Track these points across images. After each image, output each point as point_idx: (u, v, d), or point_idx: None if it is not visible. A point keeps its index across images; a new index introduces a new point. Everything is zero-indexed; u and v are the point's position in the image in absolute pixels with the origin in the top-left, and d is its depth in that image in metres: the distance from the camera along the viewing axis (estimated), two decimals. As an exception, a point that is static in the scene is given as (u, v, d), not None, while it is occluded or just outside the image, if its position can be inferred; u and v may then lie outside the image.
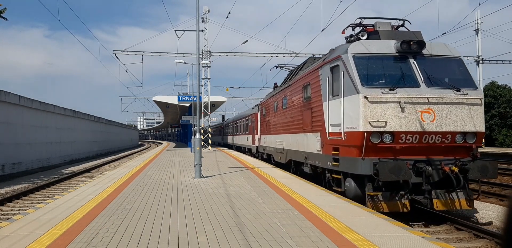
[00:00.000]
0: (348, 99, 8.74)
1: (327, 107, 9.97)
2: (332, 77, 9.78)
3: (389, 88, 8.24)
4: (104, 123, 46.97)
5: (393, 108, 8.15)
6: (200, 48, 12.99)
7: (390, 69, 8.80)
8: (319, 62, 11.25)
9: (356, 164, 8.41)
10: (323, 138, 10.29)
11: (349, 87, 8.65)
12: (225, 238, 5.17)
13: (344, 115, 8.85)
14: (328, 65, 10.06)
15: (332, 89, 9.77)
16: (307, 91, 12.12)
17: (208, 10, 31.33)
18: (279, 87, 17.77)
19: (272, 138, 18.51)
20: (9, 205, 12.09)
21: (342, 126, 8.94)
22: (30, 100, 23.62)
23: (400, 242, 4.97)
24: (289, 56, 33.58)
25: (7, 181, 17.83)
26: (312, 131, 11.37)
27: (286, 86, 15.61)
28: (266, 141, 20.58)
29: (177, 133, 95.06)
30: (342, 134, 8.94)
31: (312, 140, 11.42)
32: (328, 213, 6.69)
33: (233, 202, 7.75)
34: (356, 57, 8.78)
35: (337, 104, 9.34)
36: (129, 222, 6.06)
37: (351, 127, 8.54)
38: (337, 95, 9.34)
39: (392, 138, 8.17)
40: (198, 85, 13.63)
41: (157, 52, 33.59)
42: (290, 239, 5.11)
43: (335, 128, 9.45)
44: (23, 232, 5.49)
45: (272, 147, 18.62)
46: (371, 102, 8.15)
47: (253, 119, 26.17)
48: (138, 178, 11.90)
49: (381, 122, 8.12)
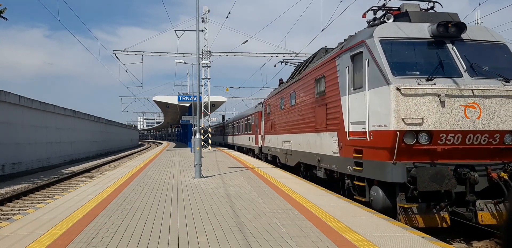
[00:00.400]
0: (374, 92, 7.49)
1: (347, 103, 8.69)
2: (352, 67, 8.53)
3: (426, 79, 7.01)
4: (104, 123, 46.96)
5: (431, 103, 6.90)
6: (200, 48, 13.00)
7: (424, 56, 7.56)
8: (335, 51, 9.82)
9: (385, 170, 7.15)
10: (342, 138, 9.03)
11: (376, 78, 7.39)
12: (225, 238, 5.17)
13: (370, 111, 7.60)
14: (347, 53, 8.75)
15: (352, 81, 8.51)
16: (320, 85, 10.76)
17: (208, 10, 31.34)
18: (285, 83, 16.27)
19: (278, 138, 17.07)
20: (9, 205, 12.09)
21: (366, 124, 7.69)
22: (30, 100, 23.62)
23: (400, 242, 4.97)
24: (289, 56, 33.56)
25: (7, 181, 17.83)
26: (327, 130, 10.05)
27: (294, 81, 14.17)
28: (271, 141, 19.15)
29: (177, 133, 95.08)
30: (366, 133, 7.66)
31: (327, 140, 10.08)
32: (328, 213, 6.69)
33: (233, 202, 7.75)
34: (384, 42, 7.50)
35: (359, 99, 8.10)
36: (129, 222, 6.07)
37: (378, 125, 7.31)
38: (360, 88, 8.11)
39: (429, 138, 6.95)
40: (198, 85, 13.63)
41: (157, 52, 33.62)
42: (290, 239, 5.11)
43: (357, 126, 8.24)
44: (23, 232, 5.49)
45: (278, 148, 17.23)
46: (404, 95, 6.91)
47: (256, 118, 25.03)
48: (138, 178, 11.90)
49: (416, 119, 6.87)
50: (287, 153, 15.14)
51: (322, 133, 10.51)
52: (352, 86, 8.55)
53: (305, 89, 12.45)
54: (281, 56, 33.80)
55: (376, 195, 7.52)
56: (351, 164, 8.50)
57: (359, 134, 8.09)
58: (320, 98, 10.70)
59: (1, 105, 19.87)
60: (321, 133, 10.59)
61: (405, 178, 6.93)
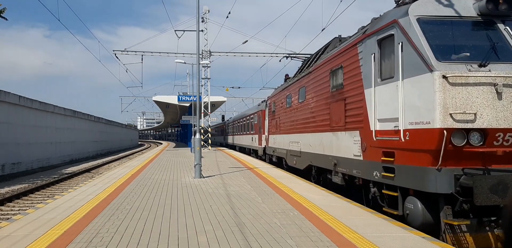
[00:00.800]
0: (412, 82, 6.32)
1: (372, 97, 7.45)
2: (380, 53, 7.37)
3: (478, 64, 5.87)
4: (104, 123, 46.97)
5: (486, 94, 5.75)
6: (200, 48, 13.00)
7: (472, 37, 6.42)
8: (356, 37, 8.60)
9: (426, 177, 5.99)
10: (365, 138, 7.80)
11: (414, 64, 6.26)
12: (225, 238, 5.17)
13: (405, 106, 6.46)
14: (373, 37, 7.56)
15: (380, 71, 7.34)
16: (336, 77, 9.52)
17: (208, 10, 31.36)
18: (293, 78, 14.92)
19: (285, 138, 15.66)
20: (9, 205, 12.08)
21: (400, 121, 6.52)
22: (30, 100, 23.62)
23: (400, 242, 4.97)
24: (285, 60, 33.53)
25: (7, 181, 17.83)
26: (346, 128, 8.85)
27: (303, 76, 12.85)
28: (276, 141, 17.70)
29: (177, 133, 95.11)
30: (400, 132, 6.48)
31: (346, 140, 8.88)
32: (328, 213, 6.69)
33: (233, 202, 7.75)
34: (422, 21, 6.36)
35: (390, 91, 6.93)
36: (129, 222, 6.06)
37: (417, 122, 6.14)
38: (390, 79, 6.95)
39: (483, 139, 5.78)
40: (198, 85, 13.63)
41: (157, 52, 33.65)
42: (290, 239, 5.11)
43: (386, 124, 7.06)
44: (23, 232, 5.49)
45: (284, 149, 15.84)
46: (452, 85, 5.75)
47: (259, 117, 23.77)
48: (138, 178, 11.90)
49: (468, 114, 5.72)
50: (295, 154, 13.92)
51: (340, 133, 9.27)
52: (379, 76, 7.34)
53: (317, 84, 11.16)
54: (281, 56, 33.81)
55: (413, 209, 6.30)
56: (378, 169, 7.25)
57: (390, 133, 6.92)
58: (337, 92, 9.45)
59: (1, 105, 19.87)
60: (338, 132, 9.37)
61: (453, 188, 5.79)
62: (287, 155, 15.36)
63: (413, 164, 6.30)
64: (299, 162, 13.42)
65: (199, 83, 13.96)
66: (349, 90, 8.70)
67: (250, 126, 27.72)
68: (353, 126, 8.49)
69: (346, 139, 8.87)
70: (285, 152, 15.59)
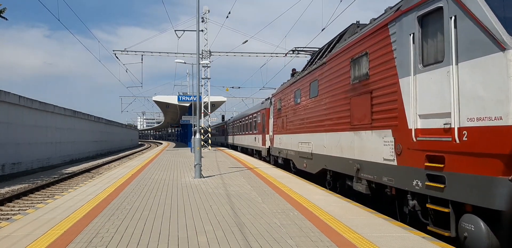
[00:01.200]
0: (472, 65, 5.06)
1: (412, 86, 6.16)
2: (422, 33, 6.09)
3: None
4: (104, 123, 46.98)
5: None
6: (200, 48, 13.00)
7: None
8: (387, 16, 7.28)
9: (494, 190, 4.73)
10: (401, 139, 6.51)
11: (475, 42, 5.02)
12: (225, 238, 5.17)
13: (462, 96, 5.20)
14: (412, 14, 6.29)
15: (421, 54, 6.07)
16: (359, 66, 8.25)
17: (208, 10, 31.38)
18: (303, 71, 13.58)
19: (293, 138, 14.29)
20: (9, 205, 12.09)
21: (453, 116, 5.27)
22: (30, 100, 23.63)
23: (400, 242, 4.97)
24: (289, 56, 33.54)
25: (7, 181, 17.83)
26: (373, 127, 7.59)
27: (315, 68, 11.50)
28: (282, 141, 16.28)
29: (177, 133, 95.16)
30: (453, 131, 5.25)
31: (372, 141, 7.63)
32: (328, 213, 6.69)
33: (233, 202, 7.75)
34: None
35: (437, 79, 5.67)
36: (129, 222, 6.06)
37: (482, 118, 4.88)
38: (437, 63, 5.71)
39: None
40: (198, 85, 13.64)
41: (157, 52, 33.66)
42: (290, 239, 5.11)
43: (432, 120, 5.75)
44: (23, 232, 5.49)
45: (292, 150, 14.46)
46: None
47: (263, 116, 22.59)
48: (138, 178, 11.90)
49: None
50: (306, 156, 12.50)
51: (364, 132, 8.03)
52: (420, 61, 6.07)
53: (333, 76, 9.83)
54: (281, 56, 33.82)
55: (474, 231, 5.01)
56: (420, 177, 5.97)
57: (437, 133, 5.66)
58: (360, 84, 8.17)
59: (1, 105, 19.87)
60: (362, 131, 8.12)
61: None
62: (295, 157, 14.04)
63: (473, 173, 5.01)
64: (311, 165, 12.02)
65: (199, 83, 13.96)
66: (377, 81, 7.41)
67: (253, 125, 26.55)
68: (383, 124, 7.21)
69: (373, 139, 7.60)
70: (293, 153, 14.26)
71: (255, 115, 25.88)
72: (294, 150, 14.11)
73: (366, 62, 7.97)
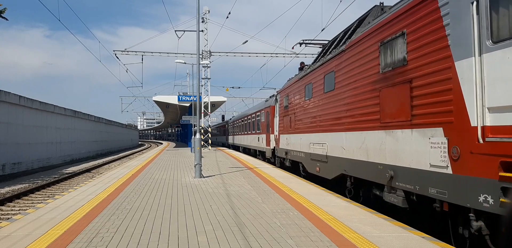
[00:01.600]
0: None
1: (475, 70, 4.90)
2: (489, 1, 4.73)
3: None
4: (104, 123, 47.01)
5: None
6: (200, 48, 13.01)
7: None
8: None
9: None
10: (460, 139, 5.16)
11: None
12: (225, 238, 5.18)
13: None
14: None
15: (490, 27, 4.72)
16: (393, 51, 6.87)
17: (208, 10, 31.38)
18: (315, 64, 12.22)
19: (303, 138, 13.00)
20: (9, 205, 12.10)
21: None
22: (30, 100, 23.64)
23: (400, 242, 4.97)
24: (289, 56, 33.59)
25: (7, 181, 17.84)
26: (413, 125, 6.24)
27: (331, 57, 10.13)
28: (289, 142, 14.92)
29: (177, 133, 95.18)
30: None
31: (413, 143, 6.25)
32: (328, 213, 6.70)
33: (233, 202, 7.76)
34: None
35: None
36: (129, 222, 6.07)
37: None
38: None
39: None
40: (198, 85, 13.64)
41: (157, 52, 33.69)
42: (290, 239, 5.11)
43: (509, 115, 4.48)
44: (23, 232, 5.50)
45: (301, 152, 13.18)
46: None
47: (267, 115, 21.09)
48: (138, 178, 11.91)
49: None
50: (319, 159, 11.08)
51: (400, 131, 6.62)
52: (489, 37, 4.74)
53: (356, 65, 8.48)
54: (281, 56, 33.84)
55: None
56: (491, 191, 4.61)
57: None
58: (394, 72, 6.79)
59: (1, 105, 19.89)
60: (397, 130, 6.72)
61: None
62: (305, 159, 12.69)
63: None
64: (325, 169, 10.59)
65: (199, 83, 13.97)
66: (420, 66, 6.10)
67: (256, 125, 25.17)
68: (429, 121, 5.87)
69: (414, 140, 6.23)
70: (303, 155, 12.93)
71: (258, 114, 24.48)
72: (304, 151, 12.78)
73: (402, 44, 6.56)
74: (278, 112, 17.36)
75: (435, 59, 5.71)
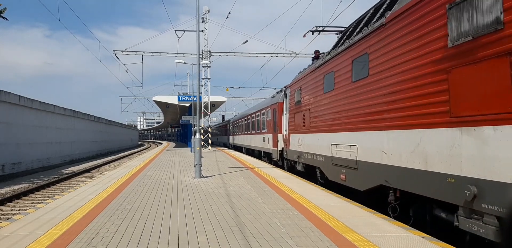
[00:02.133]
0: None
1: None
2: None
3: None
4: (104, 123, 47.00)
5: None
6: (200, 48, 13.01)
7: None
8: None
9: None
10: None
11: None
12: (225, 238, 5.18)
13: None
14: None
15: None
16: (474, 13, 4.94)
17: (208, 10, 31.40)
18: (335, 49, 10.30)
19: (321, 139, 10.96)
20: (9, 205, 12.10)
21: None
22: (30, 100, 23.64)
23: (400, 242, 4.97)
24: (289, 56, 33.60)
25: (7, 181, 17.84)
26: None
27: (363, 37, 8.21)
28: (303, 143, 12.94)
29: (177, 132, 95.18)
30: None
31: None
32: (328, 213, 6.70)
33: (233, 202, 7.76)
34: None
35: None
36: (129, 222, 6.07)
37: None
38: None
39: None
40: (198, 85, 13.64)
41: (157, 52, 33.69)
42: (290, 239, 5.11)
43: None
44: (23, 232, 5.50)
45: (319, 155, 11.09)
46: None
47: (274, 112, 19.10)
48: (138, 178, 11.91)
49: None
50: (345, 165, 9.05)
51: (491, 128, 4.67)
52: None
53: (406, 40, 6.49)
54: (281, 56, 33.85)
55: None
56: None
57: None
58: (477, 43, 4.87)
59: (1, 105, 19.88)
60: (486, 127, 4.74)
61: None
62: (325, 164, 10.60)
63: None
64: (355, 178, 8.55)
65: (199, 83, 13.97)
66: None
67: (261, 124, 23.04)
68: None
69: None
70: (322, 159, 10.85)
71: (263, 112, 22.27)
72: (323, 154, 10.73)
73: (495, 3, 4.62)
74: (288, 109, 15.26)
75: None
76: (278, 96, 18.96)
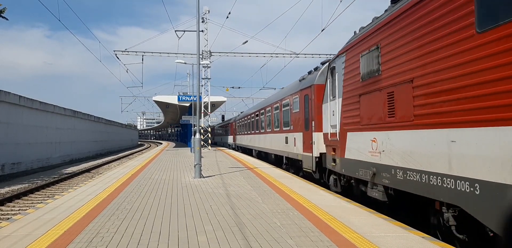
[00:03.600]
0: None
1: None
2: None
3: None
4: (104, 123, 47.00)
5: None
6: (200, 48, 13.01)
7: None
8: None
9: None
10: None
11: None
12: (225, 238, 5.18)
13: None
14: None
15: None
16: None
17: (208, 10, 31.40)
18: None
19: (458, 141, 4.87)
20: (9, 205, 12.09)
21: None
22: (30, 100, 23.64)
23: (400, 242, 4.97)
24: (289, 57, 33.60)
25: (7, 181, 17.83)
26: None
27: None
28: (387, 149, 6.82)
29: (177, 132, 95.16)
30: None
31: None
32: (328, 213, 6.69)
33: (233, 202, 7.76)
34: None
35: None
36: (129, 222, 6.07)
37: None
38: None
39: None
40: (198, 85, 13.64)
41: (158, 53, 33.67)
42: (290, 239, 5.11)
43: None
44: (23, 232, 5.50)
45: (462, 179, 4.79)
46: None
47: (305, 101, 13.22)
48: (138, 178, 11.90)
49: None
50: None
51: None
52: None
53: None
54: (281, 56, 33.83)
55: None
56: None
57: None
58: None
59: (1, 105, 19.88)
60: None
61: None
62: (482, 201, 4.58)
63: None
64: None
65: (199, 84, 13.97)
66: None
67: (281, 118, 16.72)
68: None
69: None
70: (476, 191, 4.64)
71: (286, 102, 15.83)
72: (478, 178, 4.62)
73: None
74: (340, 92, 9.29)
75: None
76: (310, 76, 13.16)
